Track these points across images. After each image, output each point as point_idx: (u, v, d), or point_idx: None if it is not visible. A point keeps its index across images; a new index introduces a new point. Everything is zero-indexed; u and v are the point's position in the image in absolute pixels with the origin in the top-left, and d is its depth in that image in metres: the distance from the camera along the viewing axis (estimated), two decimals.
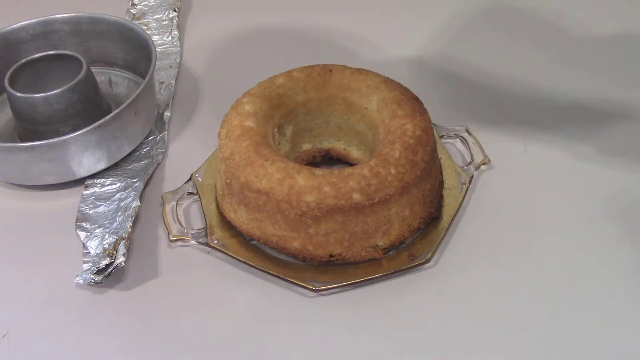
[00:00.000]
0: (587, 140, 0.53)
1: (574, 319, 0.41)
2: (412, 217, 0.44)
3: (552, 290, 0.43)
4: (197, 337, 0.42)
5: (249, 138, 0.45)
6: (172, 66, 0.63)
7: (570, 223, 0.47)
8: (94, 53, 0.61)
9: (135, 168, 0.53)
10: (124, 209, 0.49)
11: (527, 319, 0.42)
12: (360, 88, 0.49)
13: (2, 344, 0.42)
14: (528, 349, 0.40)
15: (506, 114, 0.57)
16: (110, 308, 0.44)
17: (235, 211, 0.45)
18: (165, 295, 0.44)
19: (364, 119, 0.49)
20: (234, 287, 0.45)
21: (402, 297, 0.43)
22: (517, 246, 0.46)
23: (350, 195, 0.41)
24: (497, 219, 0.48)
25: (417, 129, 0.45)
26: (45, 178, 0.51)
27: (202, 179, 0.50)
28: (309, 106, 0.50)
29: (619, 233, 0.46)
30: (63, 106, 0.52)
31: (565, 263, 0.45)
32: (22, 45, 0.59)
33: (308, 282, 0.43)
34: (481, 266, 0.45)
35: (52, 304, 0.44)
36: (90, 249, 0.46)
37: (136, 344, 0.42)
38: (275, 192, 0.42)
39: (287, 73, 0.50)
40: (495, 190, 0.50)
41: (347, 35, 0.67)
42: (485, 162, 0.50)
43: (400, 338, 0.41)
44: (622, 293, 0.43)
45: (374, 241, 0.44)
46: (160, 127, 0.57)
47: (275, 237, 0.44)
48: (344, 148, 0.52)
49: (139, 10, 0.71)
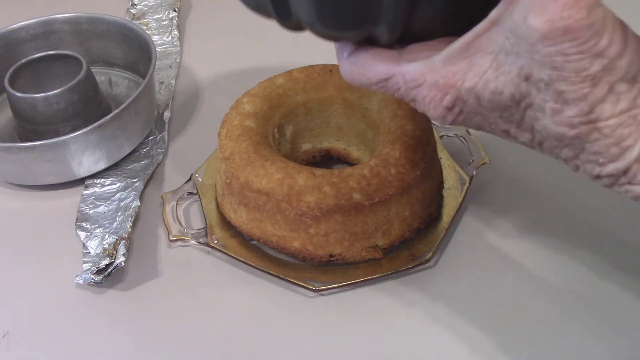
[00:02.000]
0: None
1: (574, 318, 0.41)
2: (412, 217, 0.44)
3: (552, 290, 0.43)
4: (197, 337, 0.42)
5: (249, 138, 0.45)
6: (172, 66, 0.63)
7: (571, 223, 0.47)
8: (94, 53, 0.61)
9: (135, 168, 0.53)
10: (124, 209, 0.49)
11: (527, 319, 0.42)
12: (360, 88, 0.49)
13: (2, 344, 0.42)
14: (528, 349, 0.40)
15: None
16: (110, 308, 0.44)
17: (235, 211, 0.45)
18: (165, 295, 0.44)
19: (364, 119, 0.49)
20: (234, 287, 0.45)
21: (402, 297, 0.43)
22: (517, 246, 0.46)
23: (350, 195, 0.41)
24: (497, 219, 0.48)
25: (417, 129, 0.45)
26: (45, 178, 0.51)
27: (202, 179, 0.50)
28: (309, 106, 0.50)
29: (620, 231, 0.46)
30: (63, 106, 0.52)
31: (565, 263, 0.45)
32: (22, 45, 0.59)
33: (308, 282, 0.43)
34: (481, 266, 0.45)
35: (52, 304, 0.44)
36: (90, 249, 0.46)
37: (136, 344, 0.42)
38: (275, 192, 0.42)
39: (287, 73, 0.50)
40: (495, 190, 0.50)
41: None
42: (485, 162, 0.50)
43: (400, 338, 0.41)
44: (622, 293, 0.43)
45: (374, 241, 0.44)
46: (160, 127, 0.57)
47: (275, 237, 0.44)
48: (344, 148, 0.52)
49: (139, 10, 0.71)
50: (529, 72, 0.27)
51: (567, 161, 0.30)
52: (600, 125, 0.27)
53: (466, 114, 0.30)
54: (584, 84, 0.26)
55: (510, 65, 0.28)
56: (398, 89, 0.32)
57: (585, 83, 0.26)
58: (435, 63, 0.30)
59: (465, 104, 0.30)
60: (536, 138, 0.30)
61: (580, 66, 0.26)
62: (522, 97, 0.28)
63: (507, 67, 0.28)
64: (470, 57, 0.29)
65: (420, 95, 0.31)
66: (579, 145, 0.28)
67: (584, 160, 0.29)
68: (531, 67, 0.27)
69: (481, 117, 0.30)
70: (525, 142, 0.31)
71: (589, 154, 0.28)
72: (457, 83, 0.29)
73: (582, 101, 0.26)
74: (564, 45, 0.25)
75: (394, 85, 0.32)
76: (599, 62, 0.26)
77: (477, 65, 0.29)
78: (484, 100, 0.29)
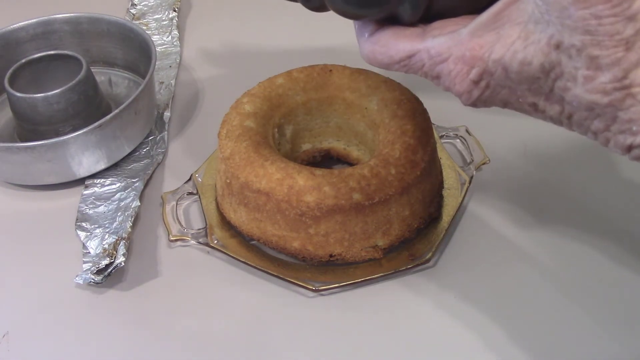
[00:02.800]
0: (587, 140, 0.53)
1: (575, 318, 0.41)
2: (412, 217, 0.44)
3: (552, 290, 0.43)
4: (197, 337, 0.42)
5: (248, 138, 0.45)
6: (172, 66, 0.63)
7: (571, 223, 0.47)
8: (94, 53, 0.61)
9: (135, 168, 0.53)
10: (124, 209, 0.49)
11: (527, 319, 0.42)
12: (360, 88, 0.49)
13: (2, 344, 0.42)
14: (528, 349, 0.40)
15: (506, 114, 0.57)
16: (110, 308, 0.44)
17: (235, 211, 0.45)
18: (165, 295, 0.44)
19: (364, 119, 0.49)
20: (234, 287, 0.45)
21: (402, 297, 0.43)
22: (517, 246, 0.46)
23: (350, 195, 0.41)
24: (497, 219, 0.48)
25: (417, 129, 0.45)
26: (45, 178, 0.51)
27: (202, 179, 0.50)
28: (309, 106, 0.50)
29: (620, 232, 0.46)
30: (63, 106, 0.52)
31: (565, 263, 0.45)
32: (22, 45, 0.59)
33: (308, 282, 0.43)
34: (481, 266, 0.45)
35: (52, 304, 0.44)
36: (90, 249, 0.46)
37: (136, 344, 0.42)
38: (275, 192, 0.42)
39: (287, 73, 0.50)
40: (495, 190, 0.50)
41: (347, 35, 0.67)
42: (485, 162, 0.50)
43: (400, 338, 0.41)
44: (622, 293, 0.43)
45: (374, 241, 0.44)
46: (160, 127, 0.57)
47: (275, 237, 0.44)
48: (344, 148, 0.52)
49: (139, 10, 0.71)
50: (560, 40, 0.26)
51: (598, 134, 0.29)
52: (634, 91, 0.26)
53: (493, 88, 0.30)
54: (617, 48, 0.25)
55: (540, 34, 0.27)
56: (422, 66, 0.31)
57: (619, 47, 0.25)
58: (462, 36, 0.30)
59: (492, 76, 0.29)
60: (565, 110, 0.29)
61: (614, 29, 0.25)
62: (552, 67, 0.28)
63: (536, 36, 0.27)
64: (498, 28, 0.28)
65: (446, 70, 0.31)
66: (612, 114, 0.27)
67: (616, 131, 0.28)
68: (562, 33, 0.26)
69: (508, 91, 0.30)
70: (553, 115, 0.30)
71: (622, 123, 0.27)
72: (484, 55, 0.29)
73: (616, 66, 0.26)
74: (598, 8, 0.25)
75: (417, 62, 0.32)
76: (632, 25, 0.25)
77: (505, 36, 0.28)
78: (511, 72, 0.29)
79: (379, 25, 0.33)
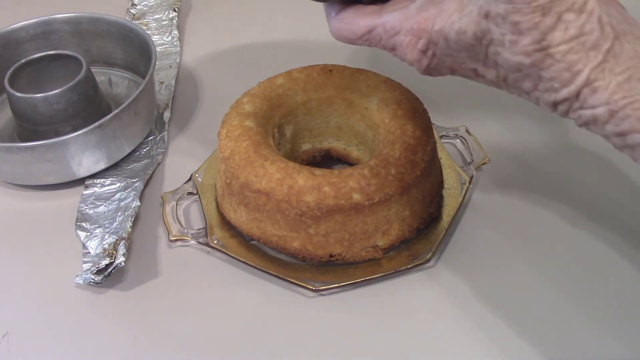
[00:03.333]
0: (587, 140, 0.53)
1: (574, 318, 0.41)
2: (412, 217, 0.44)
3: (552, 290, 0.43)
4: (197, 337, 0.42)
5: (248, 138, 0.45)
6: (172, 66, 0.63)
7: (571, 223, 0.47)
8: (94, 53, 0.61)
9: (135, 168, 0.53)
10: (123, 209, 0.49)
11: (527, 319, 0.42)
12: (360, 88, 0.49)
13: (2, 344, 0.42)
14: (528, 349, 0.40)
15: (506, 114, 0.57)
16: (110, 308, 0.44)
17: (235, 211, 0.45)
18: (165, 295, 0.44)
19: (364, 119, 0.49)
20: (234, 287, 0.45)
21: (402, 297, 0.43)
22: (517, 246, 0.46)
23: (350, 195, 0.41)
24: (497, 219, 0.48)
25: (417, 129, 0.45)
26: (45, 178, 0.51)
27: (202, 179, 0.50)
28: (309, 106, 0.50)
29: (621, 232, 0.46)
30: (63, 106, 0.52)
31: (565, 263, 0.45)
32: (22, 45, 0.59)
33: (308, 282, 0.43)
34: (481, 266, 0.45)
35: (52, 304, 0.44)
36: (90, 249, 0.46)
37: (136, 344, 0.42)
38: (275, 192, 0.42)
39: (287, 73, 0.50)
40: (495, 190, 0.50)
41: None
42: (485, 162, 0.50)
43: (400, 338, 0.41)
44: (622, 293, 0.43)
45: (374, 241, 0.44)
46: (160, 127, 0.57)
47: (275, 237, 0.44)
48: (344, 148, 0.52)
49: (139, 10, 0.71)
50: (488, 9, 0.30)
51: (530, 94, 0.32)
52: (552, 52, 0.30)
53: (439, 57, 0.34)
54: (535, 13, 0.29)
55: (472, 5, 0.31)
56: (380, 40, 0.36)
57: (536, 13, 0.29)
58: (411, 11, 0.34)
59: (436, 46, 0.34)
60: (500, 73, 0.32)
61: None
62: (484, 35, 0.31)
63: (469, 8, 0.31)
64: (440, 3, 0.33)
65: (399, 41, 0.35)
66: (536, 73, 0.31)
67: (542, 89, 0.31)
68: (489, 4, 0.30)
69: (452, 59, 0.34)
70: (492, 79, 0.33)
71: (546, 82, 0.31)
72: (428, 27, 0.33)
73: (535, 30, 0.29)
74: None
75: (376, 37, 0.36)
76: None
77: (445, 9, 0.33)
78: (451, 41, 0.33)
79: (344, 5, 0.38)
